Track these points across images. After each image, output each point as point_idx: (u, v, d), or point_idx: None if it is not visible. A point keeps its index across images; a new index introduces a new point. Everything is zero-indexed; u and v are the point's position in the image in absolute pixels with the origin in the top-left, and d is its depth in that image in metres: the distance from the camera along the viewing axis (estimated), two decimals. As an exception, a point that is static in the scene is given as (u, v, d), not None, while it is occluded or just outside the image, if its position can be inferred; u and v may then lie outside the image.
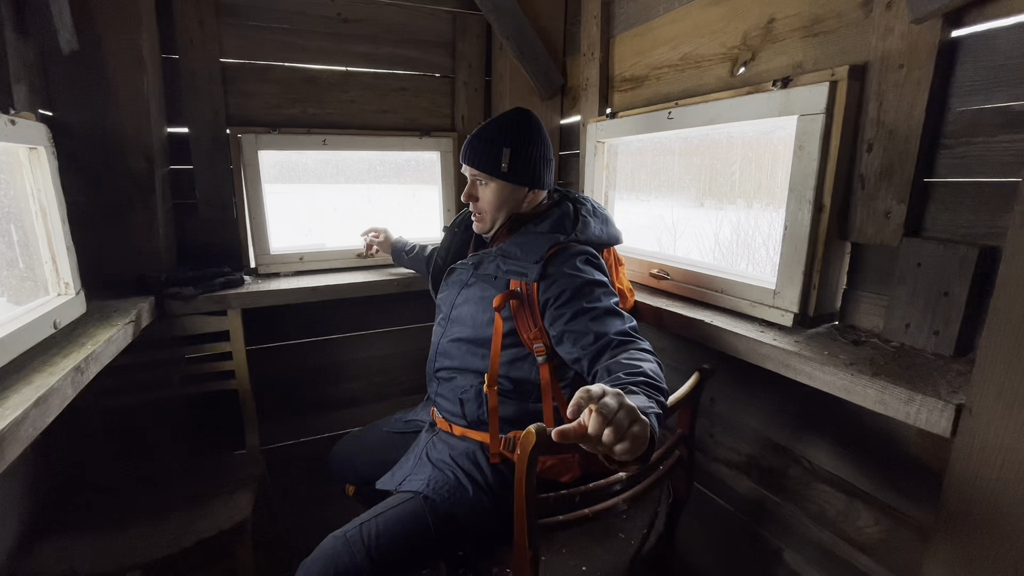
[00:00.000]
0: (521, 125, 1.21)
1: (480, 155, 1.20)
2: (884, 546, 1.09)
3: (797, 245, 1.09)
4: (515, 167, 1.19)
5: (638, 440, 0.65)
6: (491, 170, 1.19)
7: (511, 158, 1.18)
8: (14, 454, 0.76)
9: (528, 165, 1.20)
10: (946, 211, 0.93)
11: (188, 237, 1.73)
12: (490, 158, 1.19)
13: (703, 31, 1.35)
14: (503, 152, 1.18)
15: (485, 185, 1.22)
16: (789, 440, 1.28)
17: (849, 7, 1.02)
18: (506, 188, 1.21)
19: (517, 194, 1.23)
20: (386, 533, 1.04)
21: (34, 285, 1.15)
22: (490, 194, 1.22)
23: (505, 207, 1.23)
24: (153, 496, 1.38)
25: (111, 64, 1.40)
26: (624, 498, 1.06)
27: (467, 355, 1.24)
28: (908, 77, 0.92)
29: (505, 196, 1.22)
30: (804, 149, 1.05)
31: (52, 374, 0.92)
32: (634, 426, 0.65)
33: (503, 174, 1.19)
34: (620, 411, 0.64)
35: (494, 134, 1.20)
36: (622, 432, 0.63)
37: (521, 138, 1.20)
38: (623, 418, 0.64)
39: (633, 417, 0.65)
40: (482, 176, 1.22)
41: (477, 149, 1.21)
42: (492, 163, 1.19)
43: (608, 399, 0.64)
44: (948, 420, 0.77)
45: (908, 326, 0.97)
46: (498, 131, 1.20)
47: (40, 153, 1.11)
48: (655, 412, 0.77)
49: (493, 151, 1.19)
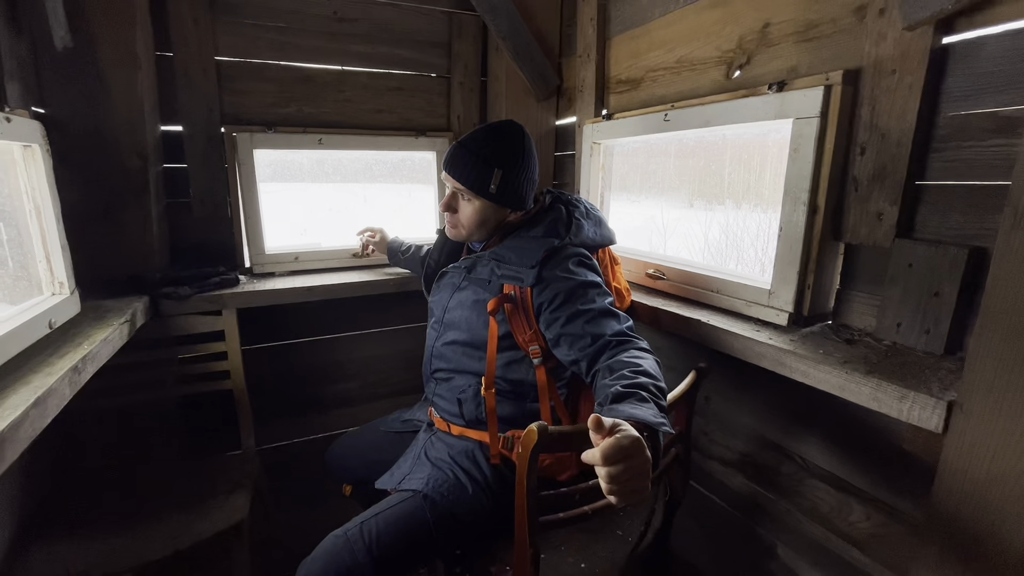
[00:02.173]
0: (514, 144, 1.17)
1: (468, 171, 1.15)
2: (876, 540, 1.11)
3: (792, 246, 1.11)
4: (503, 190, 1.15)
5: (635, 498, 0.68)
6: (478, 189, 1.15)
7: (501, 180, 1.14)
8: (14, 455, 0.76)
9: (516, 188, 1.17)
10: (936, 213, 0.95)
11: (181, 236, 1.72)
12: (479, 177, 1.14)
13: (699, 34, 1.37)
14: (494, 173, 1.13)
15: (468, 201, 1.18)
16: (782, 437, 1.31)
17: (843, 13, 1.04)
18: (489, 208, 1.18)
19: (499, 214, 1.20)
20: (386, 532, 1.05)
21: (28, 284, 1.14)
22: (472, 211, 1.18)
23: (486, 225, 1.21)
24: (148, 497, 1.37)
25: (105, 61, 1.39)
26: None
27: (463, 357, 1.25)
28: (900, 82, 0.94)
29: (487, 215, 1.19)
30: (799, 152, 1.07)
31: (49, 375, 0.91)
32: (639, 486, 0.68)
33: (490, 195, 1.15)
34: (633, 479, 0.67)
35: (486, 151, 1.14)
36: (625, 494, 0.67)
37: (513, 159, 1.16)
38: (632, 482, 0.67)
39: (643, 482, 0.68)
40: (467, 192, 1.16)
41: (465, 163, 1.15)
42: (480, 183, 1.14)
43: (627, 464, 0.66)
44: (940, 416, 0.79)
45: (900, 325, 0.99)
46: (490, 148, 1.15)
47: (35, 151, 1.10)
48: (666, 428, 0.80)
49: (483, 170, 1.14)
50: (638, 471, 0.67)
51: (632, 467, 0.66)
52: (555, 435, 0.90)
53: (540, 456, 1.18)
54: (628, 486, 0.67)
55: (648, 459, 0.69)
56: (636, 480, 0.67)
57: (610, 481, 0.66)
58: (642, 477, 0.68)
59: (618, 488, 0.67)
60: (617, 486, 0.66)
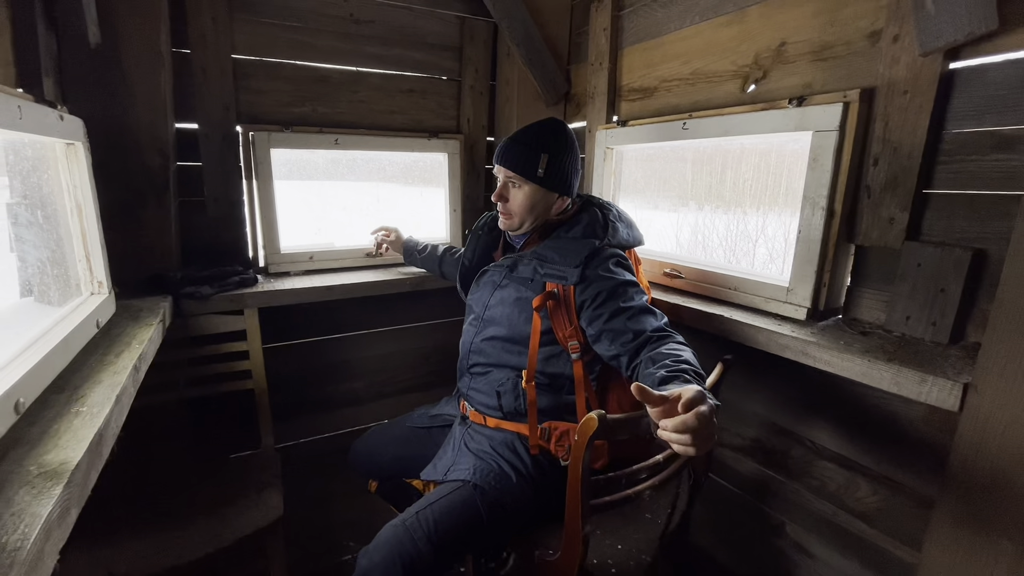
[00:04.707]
0: (558, 134, 1.27)
1: (517, 158, 1.25)
2: (881, 514, 1.23)
3: (810, 247, 1.21)
4: (551, 173, 1.24)
5: (709, 444, 0.75)
6: (527, 174, 1.24)
7: (548, 164, 1.24)
8: (107, 450, 0.77)
9: (562, 172, 1.26)
10: (942, 218, 1.07)
11: (194, 235, 1.69)
12: (528, 162, 1.24)
13: (714, 49, 1.47)
14: (541, 157, 1.23)
15: (518, 188, 1.27)
16: (792, 423, 1.42)
17: (857, 37, 1.15)
18: (539, 192, 1.26)
19: (548, 199, 1.28)
20: (443, 520, 1.09)
21: (67, 285, 1.12)
22: (522, 197, 1.27)
23: (535, 210, 1.28)
24: (175, 498, 1.36)
25: (129, 58, 1.37)
26: (661, 479, 1.15)
27: (502, 352, 1.30)
28: (912, 102, 1.05)
29: (536, 200, 1.27)
30: (818, 161, 1.18)
31: (116, 373, 0.92)
32: (712, 431, 0.75)
33: (539, 179, 1.24)
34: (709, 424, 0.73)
35: (532, 140, 1.25)
36: (700, 440, 0.73)
37: (558, 145, 1.26)
38: (709, 427, 0.73)
39: (713, 429, 0.75)
40: (517, 178, 1.26)
41: (514, 152, 1.26)
42: (529, 167, 1.24)
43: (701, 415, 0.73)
44: (956, 397, 0.90)
45: (908, 318, 1.11)
46: (536, 137, 1.26)
47: (77, 148, 1.09)
48: (713, 400, 0.87)
49: (531, 156, 1.24)
50: (709, 418, 0.74)
51: (704, 414, 0.73)
52: (611, 423, 0.97)
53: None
54: (707, 430, 0.73)
55: (712, 407, 0.76)
56: (710, 426, 0.73)
57: (689, 428, 0.72)
58: (712, 424, 0.74)
59: (696, 434, 0.72)
60: (695, 434, 0.72)
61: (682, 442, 0.72)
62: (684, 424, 0.72)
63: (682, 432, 0.72)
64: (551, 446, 1.24)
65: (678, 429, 0.72)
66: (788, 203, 1.34)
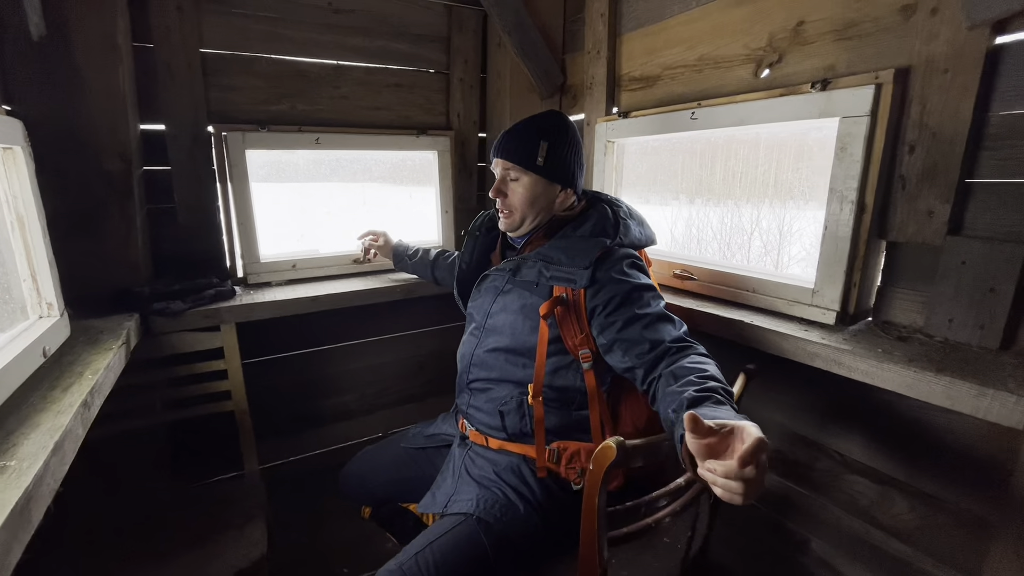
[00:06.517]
0: (558, 122, 1.18)
1: (514, 147, 1.16)
2: (920, 532, 1.13)
3: (838, 244, 1.11)
4: (551, 161, 1.15)
5: (758, 494, 0.63)
6: (526, 163, 1.14)
7: (547, 152, 1.14)
8: (39, 515, 0.64)
9: (563, 162, 1.17)
10: (988, 211, 0.97)
11: (163, 245, 1.56)
12: (526, 150, 1.14)
13: (723, 32, 1.35)
14: (540, 145, 1.13)
15: (517, 180, 1.17)
16: (817, 433, 1.32)
17: (886, 12, 1.04)
18: (539, 184, 1.16)
19: (550, 192, 1.18)
20: (444, 562, 0.98)
21: (11, 308, 0.99)
22: (522, 189, 1.17)
23: (536, 204, 1.18)
24: (151, 536, 1.23)
25: (81, 52, 1.24)
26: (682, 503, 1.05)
27: (506, 365, 1.19)
28: (954, 81, 0.95)
29: (538, 192, 1.17)
30: (847, 151, 1.07)
31: (60, 413, 0.79)
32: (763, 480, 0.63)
33: (538, 167, 1.14)
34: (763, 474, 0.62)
35: (530, 129, 1.16)
36: (752, 491, 0.62)
37: (558, 133, 1.16)
38: (762, 476, 0.62)
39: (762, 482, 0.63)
40: (515, 169, 1.16)
41: (511, 142, 1.17)
42: (527, 156, 1.14)
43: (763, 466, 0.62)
44: (1022, 413, 0.80)
45: (951, 321, 1.01)
46: (534, 126, 1.17)
47: (16, 153, 0.96)
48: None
49: (529, 144, 1.14)
50: (767, 468, 0.63)
51: (763, 463, 0.62)
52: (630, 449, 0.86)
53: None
54: (758, 481, 0.62)
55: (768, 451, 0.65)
56: (763, 474, 0.63)
57: (745, 479, 0.61)
58: (765, 470, 0.63)
59: (751, 485, 0.61)
60: (751, 485, 0.61)
61: (731, 490, 0.61)
62: (741, 475, 0.60)
63: (734, 480, 0.61)
64: (561, 469, 1.13)
65: (730, 476, 0.61)
66: (812, 196, 1.24)
